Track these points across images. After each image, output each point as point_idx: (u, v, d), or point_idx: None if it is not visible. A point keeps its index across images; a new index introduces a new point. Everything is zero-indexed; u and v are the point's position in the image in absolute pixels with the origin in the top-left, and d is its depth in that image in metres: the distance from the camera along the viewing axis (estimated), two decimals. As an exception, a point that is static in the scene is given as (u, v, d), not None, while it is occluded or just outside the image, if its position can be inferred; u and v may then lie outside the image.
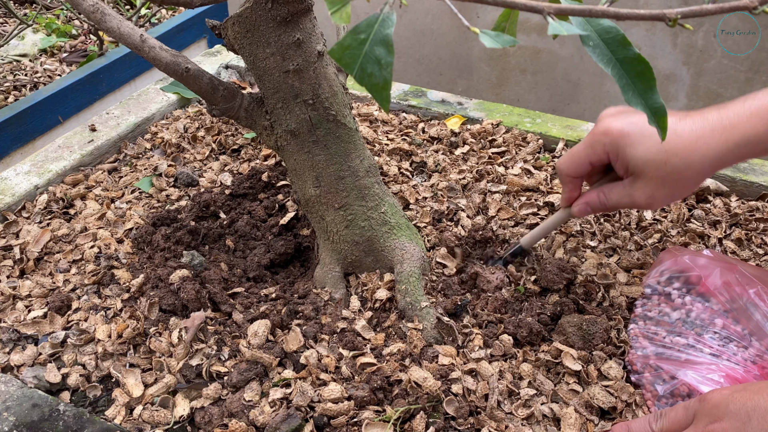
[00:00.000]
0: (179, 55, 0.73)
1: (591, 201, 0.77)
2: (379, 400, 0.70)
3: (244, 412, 0.70)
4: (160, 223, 0.95)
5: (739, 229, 0.92)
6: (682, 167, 0.69)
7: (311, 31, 0.72)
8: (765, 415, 0.56)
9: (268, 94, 0.76)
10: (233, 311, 0.81)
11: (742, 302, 0.74)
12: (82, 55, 1.86)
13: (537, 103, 1.81)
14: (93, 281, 0.87)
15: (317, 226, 0.85)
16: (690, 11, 0.36)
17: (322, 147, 0.78)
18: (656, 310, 0.78)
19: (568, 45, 1.71)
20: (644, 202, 0.72)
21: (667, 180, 0.70)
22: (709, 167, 0.69)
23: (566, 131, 1.12)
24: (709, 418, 0.59)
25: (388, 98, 0.43)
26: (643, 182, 0.71)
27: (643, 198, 0.72)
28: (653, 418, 0.64)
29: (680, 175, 0.69)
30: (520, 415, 0.70)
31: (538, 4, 0.38)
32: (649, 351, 0.74)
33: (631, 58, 0.45)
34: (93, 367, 0.77)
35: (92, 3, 0.71)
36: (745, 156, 0.69)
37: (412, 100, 1.22)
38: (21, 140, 1.33)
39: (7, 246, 0.93)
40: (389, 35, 0.42)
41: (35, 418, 0.68)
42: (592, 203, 0.77)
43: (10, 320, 0.82)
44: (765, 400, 0.56)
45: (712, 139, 0.68)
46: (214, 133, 1.17)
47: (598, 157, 0.74)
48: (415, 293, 0.79)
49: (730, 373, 0.69)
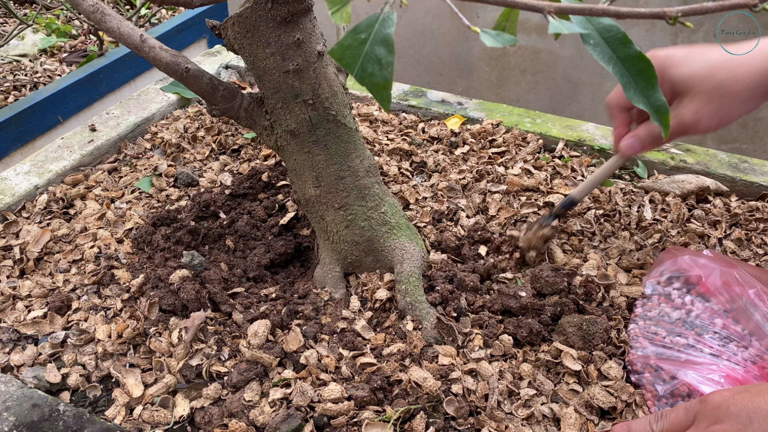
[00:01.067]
0: (179, 55, 0.73)
1: (639, 133, 0.75)
2: (379, 400, 0.70)
3: (244, 412, 0.70)
4: (160, 223, 0.95)
5: (739, 229, 0.92)
6: (728, 80, 0.67)
7: (311, 31, 0.72)
8: (766, 418, 0.55)
9: (268, 94, 0.76)
10: (233, 311, 0.81)
11: (742, 302, 0.74)
12: (82, 55, 1.86)
13: (537, 103, 1.81)
14: (93, 281, 0.87)
15: (317, 226, 0.85)
16: (690, 9, 0.36)
17: (322, 147, 0.78)
18: (656, 310, 0.78)
19: (568, 45, 1.71)
20: (691, 119, 0.69)
21: (714, 94, 0.68)
22: (757, 84, 0.67)
23: (566, 131, 1.12)
24: (710, 419, 0.58)
25: (388, 98, 0.43)
26: (689, 98, 0.69)
27: (690, 115, 0.69)
28: (654, 418, 0.64)
29: (727, 88, 0.67)
30: (520, 415, 0.70)
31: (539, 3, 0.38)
32: (649, 351, 0.74)
33: (632, 56, 0.45)
34: (93, 367, 0.77)
35: (92, 3, 0.71)
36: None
37: (412, 100, 1.22)
38: (21, 140, 1.33)
39: (7, 246, 0.93)
40: (390, 35, 0.42)
41: (35, 418, 0.68)
42: (640, 134, 0.75)
43: (10, 320, 0.82)
44: (766, 402, 0.56)
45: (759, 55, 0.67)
46: (214, 133, 1.17)
47: None
48: (415, 293, 0.79)
49: (731, 374, 0.69)
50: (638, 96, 0.45)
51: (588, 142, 1.10)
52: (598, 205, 0.97)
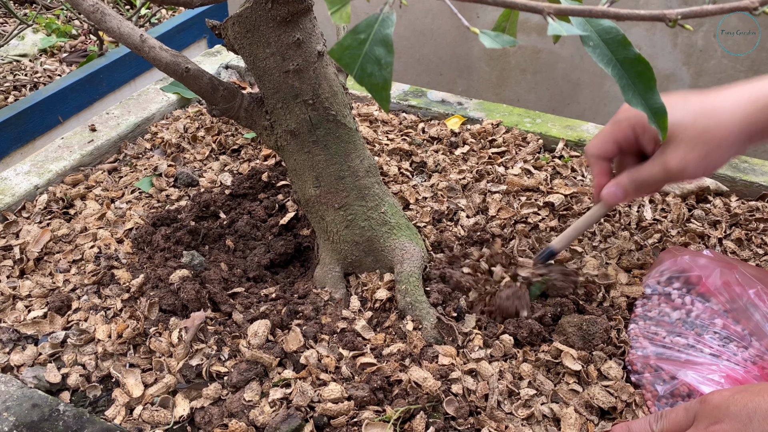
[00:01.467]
0: (179, 55, 0.73)
1: (621, 181, 0.73)
2: (379, 400, 0.70)
3: (244, 412, 0.70)
4: (160, 223, 0.95)
5: (739, 229, 0.92)
6: (712, 126, 0.66)
7: (311, 31, 0.72)
8: (766, 417, 0.55)
9: (268, 94, 0.76)
10: (233, 311, 0.81)
11: (742, 302, 0.74)
12: (82, 55, 1.86)
13: (537, 103, 1.81)
14: (93, 281, 0.87)
15: (317, 226, 0.85)
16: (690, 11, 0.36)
17: (322, 147, 0.78)
18: (656, 310, 0.78)
19: (568, 45, 1.71)
20: (677, 166, 0.68)
21: (698, 141, 0.66)
22: (739, 129, 0.66)
23: (566, 131, 1.12)
24: (709, 419, 0.58)
25: (388, 98, 0.43)
26: (674, 146, 0.67)
27: (676, 162, 0.67)
28: (653, 419, 0.64)
29: (711, 134, 0.66)
30: (520, 416, 0.70)
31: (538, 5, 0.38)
32: (649, 351, 0.74)
33: (631, 59, 0.45)
34: (93, 367, 0.77)
35: (92, 3, 0.71)
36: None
37: (412, 100, 1.22)
38: (21, 140, 1.33)
39: (7, 246, 0.93)
40: (389, 35, 0.42)
41: (35, 418, 0.68)
42: (622, 183, 0.73)
43: (10, 320, 0.82)
44: (766, 402, 0.56)
45: (741, 98, 0.66)
46: (214, 133, 1.17)
47: (623, 134, 0.72)
48: (415, 293, 0.79)
49: (731, 374, 0.69)
50: (637, 99, 0.45)
51: (588, 142, 1.10)
52: (598, 205, 0.97)
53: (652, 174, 0.70)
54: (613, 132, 0.73)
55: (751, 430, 0.55)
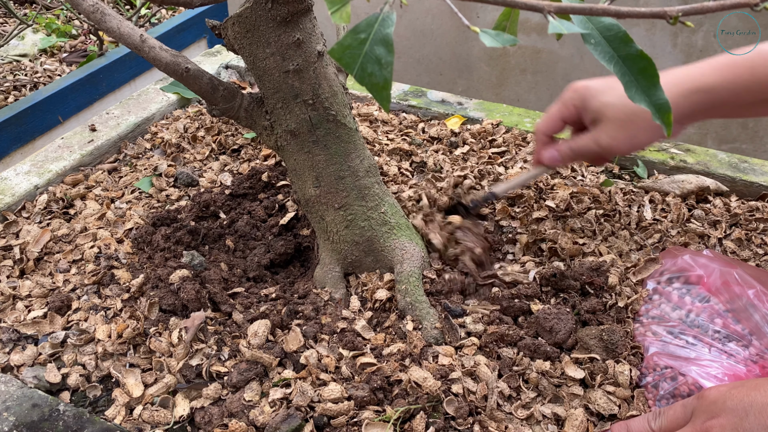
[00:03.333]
0: (179, 55, 0.73)
1: (560, 148, 0.83)
2: (379, 400, 0.70)
3: (244, 412, 0.70)
4: (160, 223, 0.95)
5: (739, 229, 0.92)
6: (638, 110, 0.73)
7: (311, 31, 0.72)
8: (762, 411, 0.56)
9: (268, 94, 0.76)
10: (233, 311, 0.81)
11: (741, 303, 0.74)
12: (82, 55, 1.86)
13: (537, 103, 1.81)
14: (93, 281, 0.87)
15: (317, 226, 0.85)
16: (691, 9, 0.36)
17: (322, 147, 0.78)
18: (657, 310, 0.78)
19: (568, 45, 1.71)
20: (606, 143, 0.77)
21: (627, 122, 0.75)
22: None
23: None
24: (706, 414, 0.59)
25: (388, 98, 0.43)
26: (605, 124, 0.76)
27: (605, 139, 0.77)
28: (652, 416, 0.64)
29: (638, 116, 0.74)
30: (520, 416, 0.70)
31: (539, 3, 0.38)
32: (650, 350, 0.74)
33: (633, 55, 0.45)
34: (93, 367, 0.77)
35: (92, 3, 0.71)
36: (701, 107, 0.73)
37: (412, 100, 1.21)
38: (21, 140, 1.33)
39: (7, 246, 0.93)
40: (389, 35, 0.42)
41: (35, 418, 0.68)
42: (560, 149, 0.82)
43: (10, 320, 0.82)
44: (762, 396, 0.57)
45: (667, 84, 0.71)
46: (214, 133, 1.17)
47: (568, 112, 0.81)
48: (415, 293, 0.79)
49: (733, 372, 0.69)
50: (640, 95, 0.45)
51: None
52: (598, 205, 0.97)
53: (585, 145, 0.80)
54: (560, 111, 0.83)
55: (747, 424, 0.56)
